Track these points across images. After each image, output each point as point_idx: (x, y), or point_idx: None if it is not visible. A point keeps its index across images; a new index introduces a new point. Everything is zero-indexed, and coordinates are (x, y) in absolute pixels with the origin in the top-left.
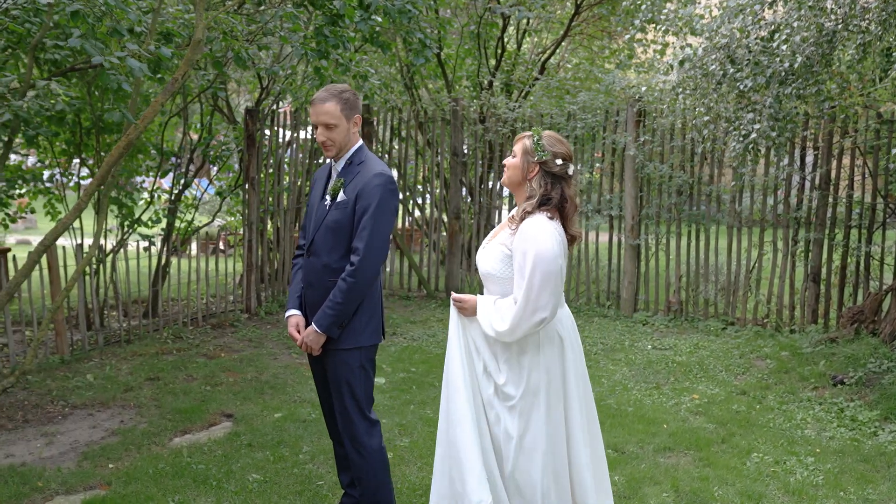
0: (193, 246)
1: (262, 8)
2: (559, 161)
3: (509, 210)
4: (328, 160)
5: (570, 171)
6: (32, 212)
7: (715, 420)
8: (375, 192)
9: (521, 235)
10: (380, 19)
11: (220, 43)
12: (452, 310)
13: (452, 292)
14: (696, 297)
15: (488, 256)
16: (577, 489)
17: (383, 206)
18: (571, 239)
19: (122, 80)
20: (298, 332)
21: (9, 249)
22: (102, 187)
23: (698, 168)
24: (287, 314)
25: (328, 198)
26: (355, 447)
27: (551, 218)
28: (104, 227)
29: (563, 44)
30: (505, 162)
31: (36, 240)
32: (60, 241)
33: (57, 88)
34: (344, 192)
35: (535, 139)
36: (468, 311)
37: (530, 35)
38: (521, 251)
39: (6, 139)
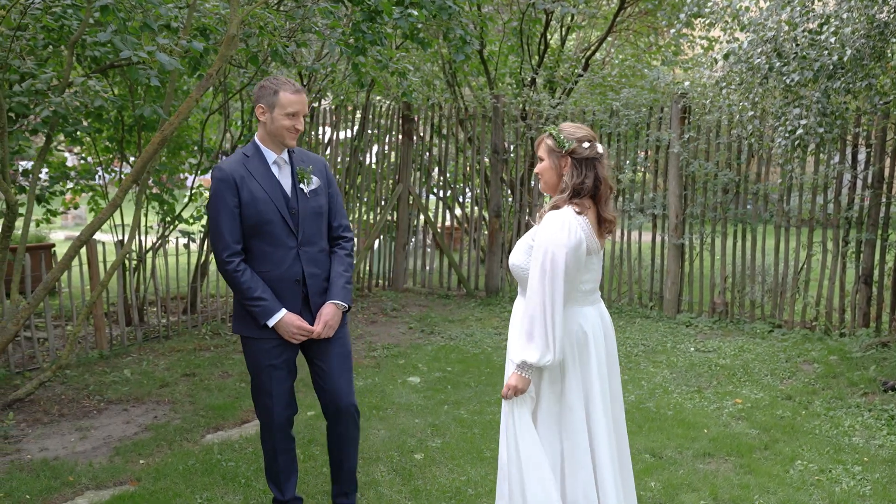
0: None
1: (300, 3)
2: (585, 144)
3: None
4: (231, 158)
5: (600, 150)
6: (76, 207)
7: (758, 426)
8: (333, 175)
9: (542, 227)
10: (416, 13)
11: (256, 38)
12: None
13: (502, 398)
14: (742, 298)
15: (515, 249)
16: (601, 494)
17: None
18: (607, 224)
19: (153, 76)
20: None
21: (53, 245)
22: (139, 183)
23: (745, 166)
24: (278, 316)
25: (303, 186)
26: (356, 415)
27: (580, 213)
28: (143, 223)
29: (608, 39)
30: (536, 170)
31: None
32: (102, 237)
33: (95, 85)
34: (314, 177)
35: (555, 133)
36: (522, 385)
37: (574, 31)
38: (539, 243)
39: (46, 135)
